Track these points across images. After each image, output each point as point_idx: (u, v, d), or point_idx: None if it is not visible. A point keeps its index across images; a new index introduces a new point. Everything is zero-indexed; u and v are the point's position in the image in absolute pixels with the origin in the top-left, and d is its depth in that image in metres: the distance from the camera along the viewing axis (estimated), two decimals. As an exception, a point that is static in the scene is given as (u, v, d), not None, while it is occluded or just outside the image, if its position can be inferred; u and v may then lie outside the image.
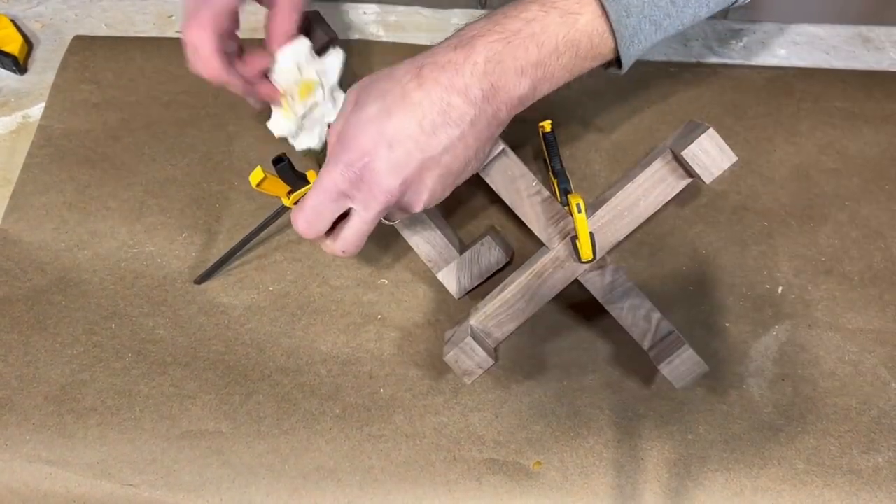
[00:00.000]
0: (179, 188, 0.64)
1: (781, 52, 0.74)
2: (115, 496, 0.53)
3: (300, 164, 0.53)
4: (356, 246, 0.48)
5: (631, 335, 0.54)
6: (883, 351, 0.58)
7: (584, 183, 0.65)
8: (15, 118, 0.69)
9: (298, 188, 0.50)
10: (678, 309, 0.60)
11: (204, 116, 0.68)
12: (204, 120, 0.68)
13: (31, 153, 0.66)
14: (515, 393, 0.57)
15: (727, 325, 0.59)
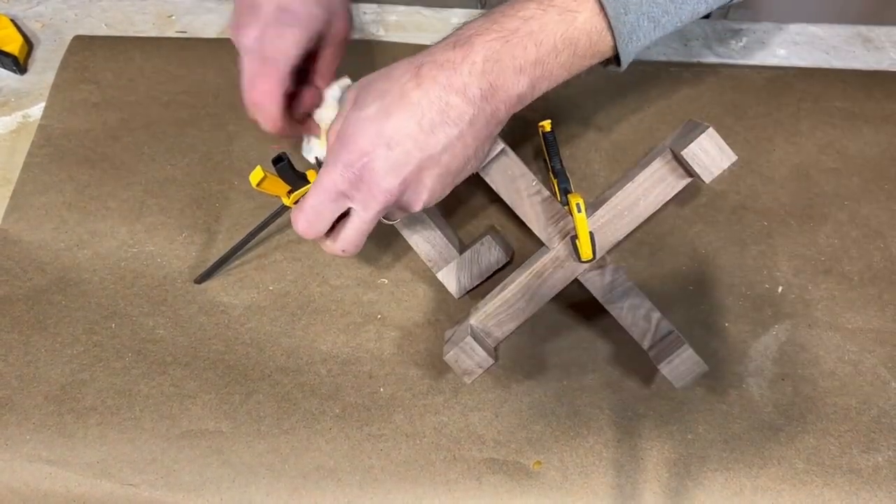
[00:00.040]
0: (179, 188, 0.65)
1: (781, 51, 0.74)
2: (115, 496, 0.53)
3: (300, 164, 0.53)
4: (356, 246, 0.48)
5: (631, 335, 0.54)
6: (882, 350, 0.58)
7: (583, 183, 0.65)
8: (15, 118, 0.69)
9: (298, 188, 0.50)
10: (678, 308, 0.60)
11: (204, 116, 0.68)
12: (204, 120, 0.68)
13: (31, 153, 0.66)
14: (515, 392, 0.57)
15: (727, 324, 0.59)
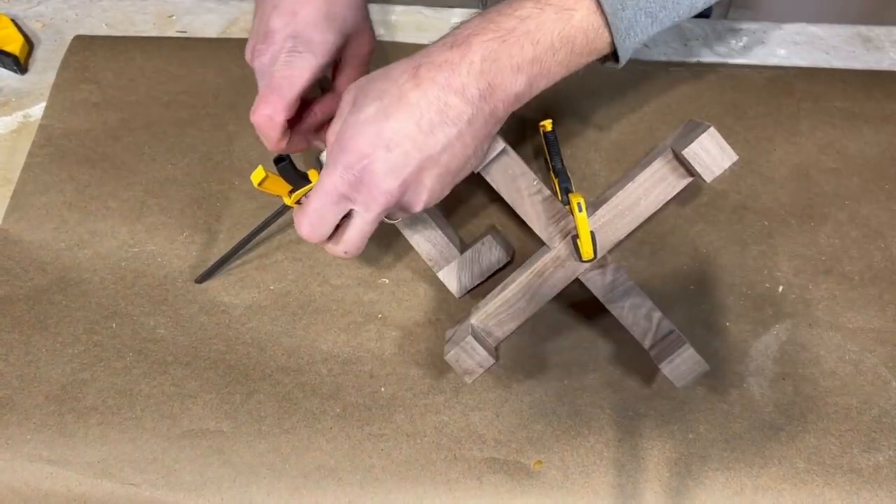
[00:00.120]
0: (179, 188, 0.64)
1: (781, 51, 0.74)
2: (115, 495, 0.53)
3: (301, 163, 0.53)
4: (358, 247, 0.48)
5: (632, 334, 0.54)
6: (883, 350, 0.58)
7: (584, 182, 0.65)
8: (15, 118, 0.69)
9: (300, 187, 0.50)
10: (679, 308, 0.60)
11: (204, 116, 0.68)
12: (204, 120, 0.68)
13: (31, 153, 0.66)
14: (516, 392, 0.57)
15: (728, 324, 0.59)
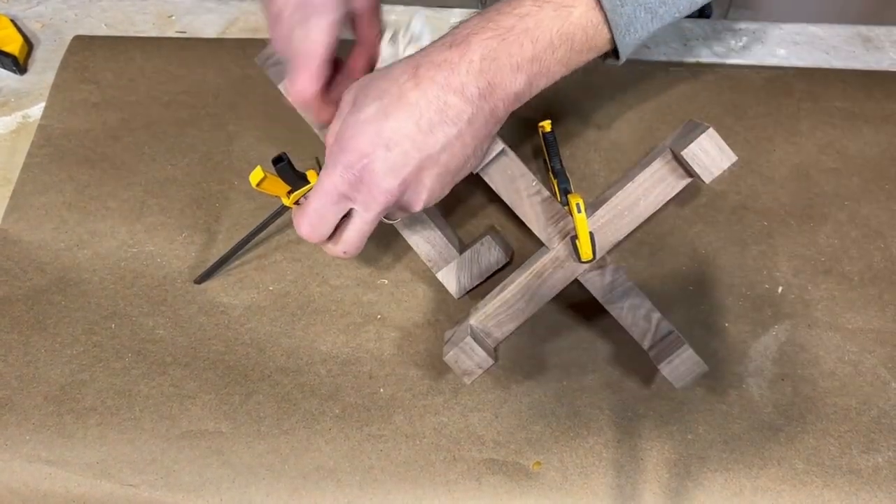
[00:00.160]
0: (179, 188, 0.64)
1: (781, 51, 0.74)
2: (114, 496, 0.53)
3: (300, 163, 0.53)
4: (357, 247, 0.48)
5: (631, 335, 0.54)
6: (883, 351, 0.58)
7: (583, 183, 0.65)
8: (15, 118, 0.69)
9: (298, 188, 0.50)
10: (678, 309, 0.60)
11: (204, 116, 0.68)
12: (204, 120, 0.68)
13: (30, 153, 0.66)
14: (515, 393, 0.57)
15: (727, 324, 0.59)
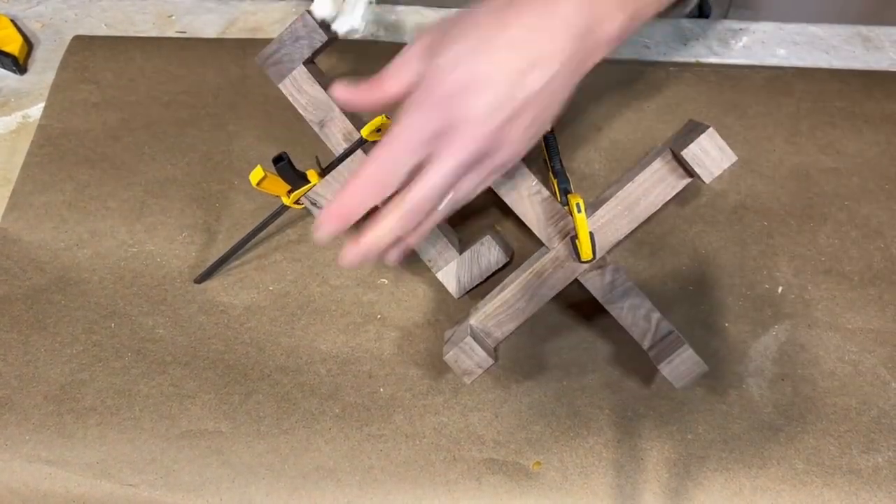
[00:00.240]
0: (179, 188, 0.64)
1: (781, 51, 0.74)
2: (114, 496, 0.53)
3: (300, 163, 0.53)
4: (433, 204, 0.42)
5: (631, 335, 0.54)
6: (883, 351, 0.58)
7: (583, 183, 0.65)
8: (15, 118, 0.69)
9: (298, 187, 0.51)
10: (678, 308, 0.60)
11: (204, 116, 0.68)
12: (204, 120, 0.68)
13: (30, 153, 0.66)
14: (515, 393, 0.57)
15: (727, 324, 0.59)
